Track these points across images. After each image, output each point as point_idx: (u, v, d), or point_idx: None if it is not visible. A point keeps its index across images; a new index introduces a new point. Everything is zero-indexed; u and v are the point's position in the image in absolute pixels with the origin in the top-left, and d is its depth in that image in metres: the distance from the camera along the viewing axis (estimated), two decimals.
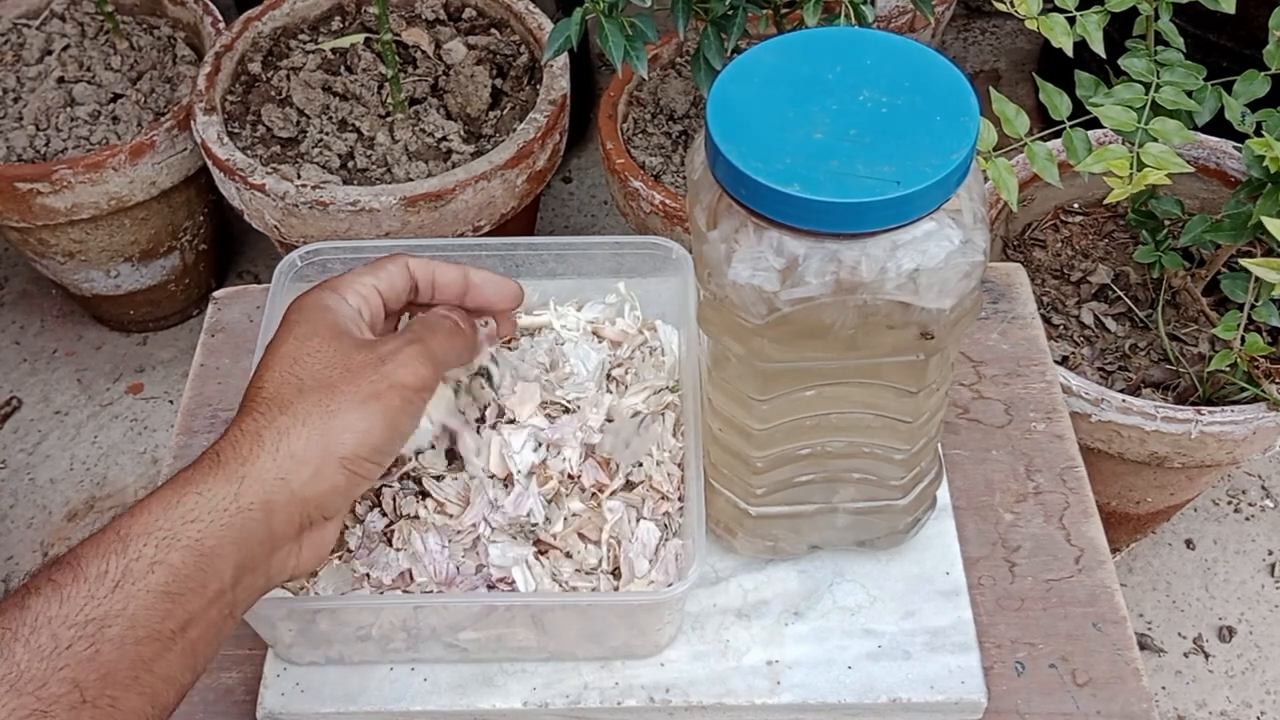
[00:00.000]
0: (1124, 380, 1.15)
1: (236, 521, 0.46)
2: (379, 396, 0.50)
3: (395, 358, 0.51)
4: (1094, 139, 0.99)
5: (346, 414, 0.49)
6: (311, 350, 0.51)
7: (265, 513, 0.47)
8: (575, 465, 0.62)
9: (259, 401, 0.49)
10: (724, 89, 0.48)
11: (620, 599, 0.59)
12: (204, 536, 0.45)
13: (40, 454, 1.54)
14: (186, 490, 0.46)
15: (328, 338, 0.51)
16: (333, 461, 0.49)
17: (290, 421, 0.48)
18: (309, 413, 0.49)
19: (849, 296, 0.48)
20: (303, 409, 0.49)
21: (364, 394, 0.50)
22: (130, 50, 1.50)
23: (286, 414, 0.48)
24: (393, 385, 0.51)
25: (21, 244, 1.47)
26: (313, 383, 0.50)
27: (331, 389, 0.49)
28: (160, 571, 0.44)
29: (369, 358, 0.51)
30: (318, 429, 0.48)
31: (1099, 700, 0.62)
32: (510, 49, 1.44)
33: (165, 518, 0.45)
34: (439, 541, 0.60)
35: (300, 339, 0.51)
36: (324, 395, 0.49)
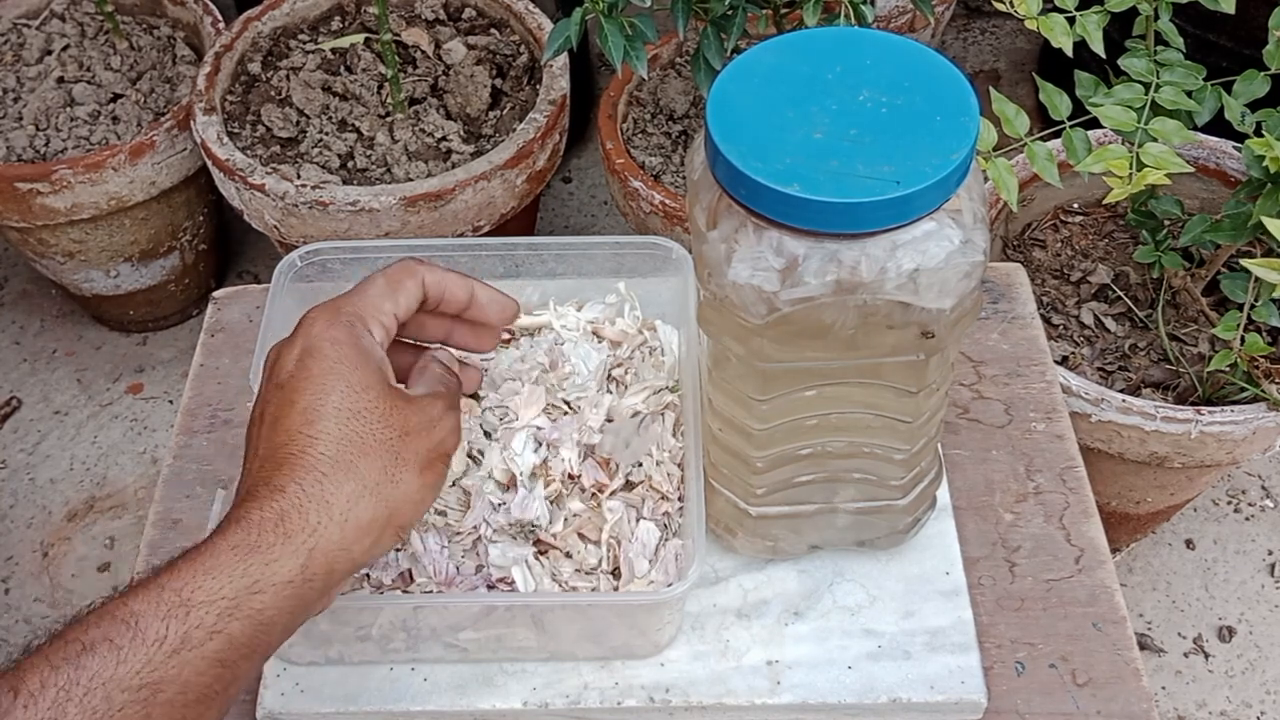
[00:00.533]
0: (1124, 380, 1.15)
1: (300, 593, 0.46)
2: (432, 466, 0.50)
3: (442, 424, 0.52)
4: (1094, 139, 0.99)
5: (409, 484, 0.49)
6: (369, 406, 0.49)
7: (326, 581, 0.47)
8: (575, 465, 0.62)
9: (319, 459, 0.48)
10: (724, 89, 0.48)
11: (620, 599, 0.59)
12: (266, 608, 0.45)
13: (40, 454, 1.54)
14: (253, 559, 0.46)
15: (380, 393, 0.50)
16: (392, 531, 0.49)
17: (358, 490, 0.48)
18: (377, 482, 0.48)
19: (849, 296, 0.48)
20: (371, 477, 0.48)
21: (421, 463, 0.50)
22: (130, 50, 1.50)
23: (353, 479, 0.48)
24: (443, 455, 0.51)
25: (21, 244, 1.47)
26: (377, 445, 0.49)
27: (395, 456, 0.49)
28: (219, 640, 0.44)
29: (421, 421, 0.50)
30: (384, 500, 0.48)
31: (1099, 700, 0.62)
32: (510, 49, 1.44)
33: (230, 587, 0.45)
34: (439, 541, 0.60)
35: (354, 390, 0.49)
36: (389, 463, 0.49)
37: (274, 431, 0.49)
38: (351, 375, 0.49)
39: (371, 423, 0.49)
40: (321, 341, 0.50)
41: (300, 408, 0.49)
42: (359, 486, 0.48)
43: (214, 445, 0.73)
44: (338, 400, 0.49)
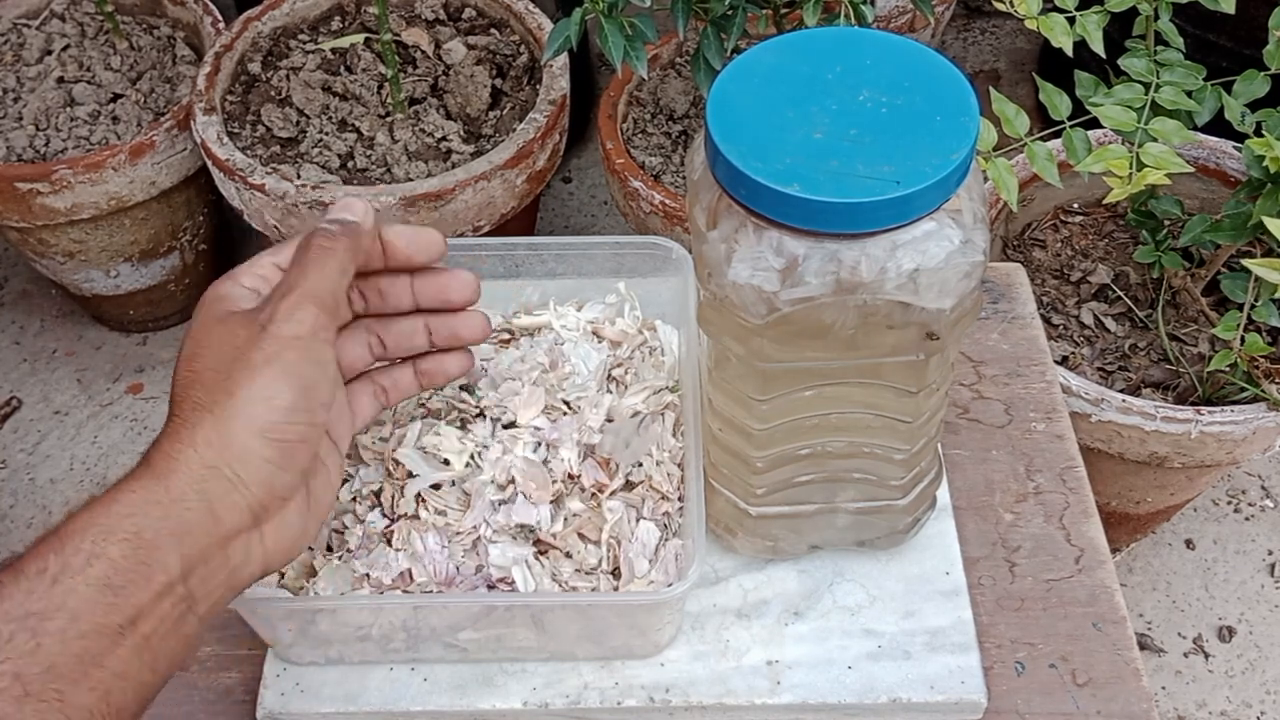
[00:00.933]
0: (1124, 380, 1.15)
1: (173, 513, 0.46)
2: (271, 360, 0.49)
3: (275, 316, 0.50)
4: (1094, 139, 0.99)
5: (246, 388, 0.48)
6: (204, 342, 0.50)
7: (203, 503, 0.47)
8: (575, 465, 0.62)
9: (173, 405, 0.49)
10: (724, 89, 0.48)
11: (620, 599, 0.59)
12: (141, 529, 0.45)
13: (40, 454, 1.54)
14: (120, 490, 0.46)
15: (215, 326, 0.50)
16: (253, 438, 0.48)
17: (200, 414, 0.48)
18: (214, 400, 0.48)
19: (849, 296, 0.48)
20: (208, 398, 0.48)
21: (256, 363, 0.49)
22: (130, 50, 1.50)
23: (197, 408, 0.48)
24: (282, 343, 0.49)
25: (21, 244, 1.47)
26: (210, 372, 0.49)
27: (227, 370, 0.49)
28: (99, 564, 0.44)
29: (252, 329, 0.50)
30: (224, 411, 0.48)
31: (1099, 700, 0.62)
32: (510, 49, 1.44)
33: (102, 514, 0.45)
34: (439, 541, 0.60)
35: (194, 336, 0.50)
36: (222, 378, 0.48)
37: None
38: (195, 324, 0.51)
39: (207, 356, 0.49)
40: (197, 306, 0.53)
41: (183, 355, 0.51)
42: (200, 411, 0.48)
43: None
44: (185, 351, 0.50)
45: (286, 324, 0.49)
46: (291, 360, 0.49)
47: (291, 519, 0.50)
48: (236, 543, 0.48)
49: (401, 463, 0.62)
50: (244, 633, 0.63)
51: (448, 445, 0.62)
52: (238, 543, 0.48)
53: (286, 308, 0.50)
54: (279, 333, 0.49)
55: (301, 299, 0.50)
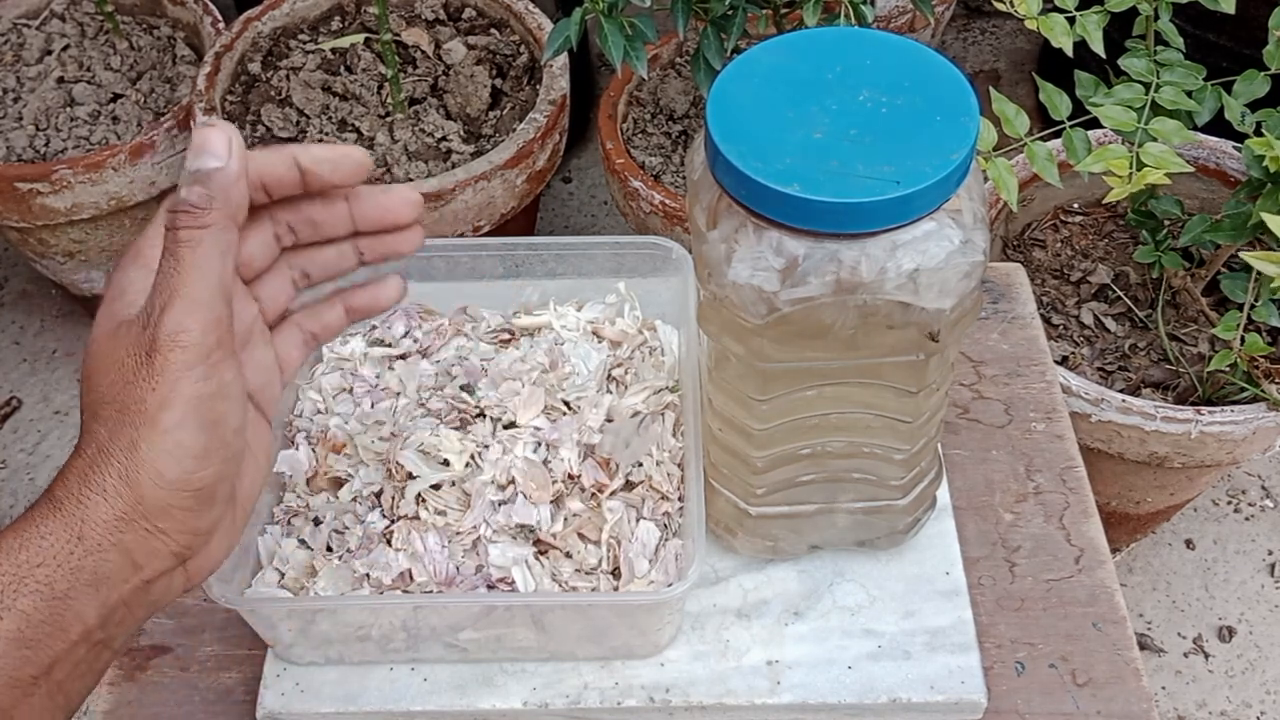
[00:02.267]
0: (1124, 380, 1.15)
1: (88, 564, 0.42)
2: (167, 403, 0.42)
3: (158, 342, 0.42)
4: (1094, 139, 0.99)
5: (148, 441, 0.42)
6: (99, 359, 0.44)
7: (120, 553, 0.42)
8: (575, 465, 0.62)
9: (83, 427, 0.44)
10: (724, 89, 0.48)
11: (620, 599, 0.59)
12: (54, 580, 0.41)
13: (40, 454, 1.54)
14: (28, 532, 0.42)
15: (106, 341, 0.44)
16: (165, 492, 0.43)
17: (106, 460, 0.42)
18: (117, 447, 0.42)
19: (849, 296, 0.48)
20: (110, 442, 0.43)
21: (151, 409, 0.42)
22: (130, 50, 1.50)
23: (102, 451, 0.43)
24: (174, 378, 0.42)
25: (21, 244, 1.47)
26: (108, 407, 0.43)
27: (122, 410, 0.43)
28: (9, 618, 0.41)
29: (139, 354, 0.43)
30: (130, 464, 0.42)
31: (1099, 700, 0.62)
32: (510, 49, 1.44)
33: (9, 561, 0.41)
34: (439, 541, 0.60)
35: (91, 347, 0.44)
36: (121, 422, 0.42)
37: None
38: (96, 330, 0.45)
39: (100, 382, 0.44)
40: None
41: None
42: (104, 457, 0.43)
43: None
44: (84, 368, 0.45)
45: (173, 352, 0.42)
46: (189, 396, 0.43)
47: (217, 542, 0.46)
48: (159, 583, 0.44)
49: (402, 464, 0.62)
50: (244, 633, 0.63)
51: (448, 446, 0.62)
52: (160, 582, 0.44)
53: (169, 330, 0.42)
54: (168, 365, 0.42)
55: (183, 313, 0.42)
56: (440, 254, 0.68)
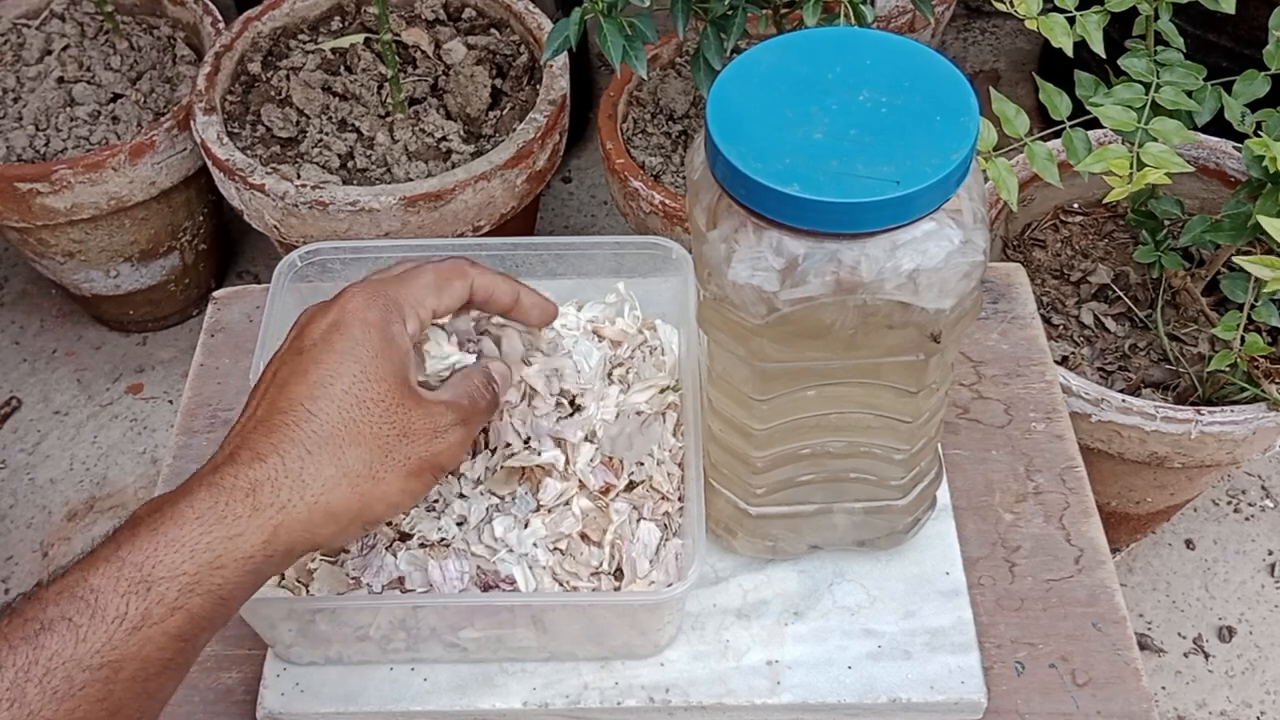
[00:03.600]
0: (1124, 380, 1.15)
1: (260, 568, 0.46)
2: (420, 474, 0.50)
3: (445, 436, 0.51)
4: (1094, 139, 0.99)
5: (390, 484, 0.48)
6: (376, 397, 0.49)
7: (285, 559, 0.47)
8: (581, 466, 0.62)
9: (309, 435, 0.47)
10: (724, 89, 0.48)
11: (621, 599, 0.59)
12: (226, 583, 0.45)
13: (40, 454, 1.54)
14: (217, 531, 0.45)
15: (393, 386, 0.49)
16: (360, 524, 0.48)
17: (337, 476, 0.47)
18: (358, 473, 0.48)
19: (849, 296, 0.48)
20: (354, 467, 0.48)
21: (410, 468, 0.49)
22: (130, 50, 1.50)
23: (335, 464, 0.47)
24: (435, 466, 0.50)
25: (21, 244, 1.47)
26: (369, 437, 0.48)
27: (385, 452, 0.48)
28: (179, 616, 0.44)
29: (426, 425, 0.50)
30: (359, 492, 0.48)
31: (1099, 700, 0.62)
32: (510, 49, 1.44)
33: (192, 562, 0.44)
34: (453, 565, 0.60)
35: (367, 379, 0.49)
36: (376, 458, 0.48)
37: (278, 395, 0.49)
38: (370, 361, 0.49)
39: (373, 413, 0.48)
40: (353, 319, 0.50)
41: (311, 379, 0.49)
42: (338, 472, 0.47)
43: (214, 445, 0.73)
44: (347, 383, 0.48)
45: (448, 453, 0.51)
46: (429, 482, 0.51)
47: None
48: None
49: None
50: (244, 633, 0.63)
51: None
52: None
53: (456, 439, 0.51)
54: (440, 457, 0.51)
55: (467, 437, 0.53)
56: (440, 254, 0.68)
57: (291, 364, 0.50)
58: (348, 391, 0.48)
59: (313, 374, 0.49)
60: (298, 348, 0.50)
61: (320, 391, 0.48)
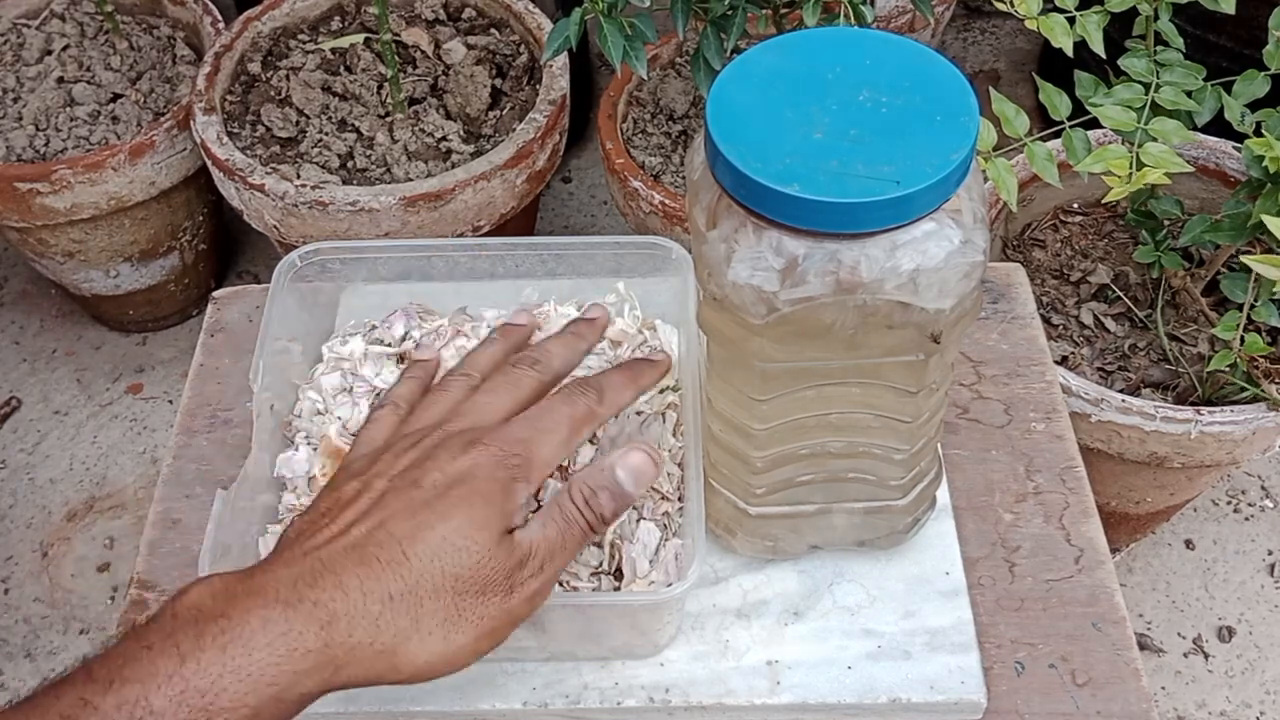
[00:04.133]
0: (1124, 380, 1.15)
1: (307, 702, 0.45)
2: (494, 634, 0.48)
3: (523, 589, 0.49)
4: (1094, 139, 0.99)
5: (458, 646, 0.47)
6: (471, 546, 0.47)
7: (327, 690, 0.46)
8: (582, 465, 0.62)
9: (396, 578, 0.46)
10: (724, 89, 0.48)
11: (621, 599, 0.59)
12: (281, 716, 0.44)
13: (40, 454, 1.54)
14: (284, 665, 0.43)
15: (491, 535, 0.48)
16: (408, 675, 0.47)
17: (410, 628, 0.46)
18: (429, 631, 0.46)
19: (849, 296, 0.48)
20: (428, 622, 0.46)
21: (483, 630, 0.48)
22: (130, 50, 1.50)
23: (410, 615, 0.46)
24: (512, 622, 0.49)
25: (21, 244, 1.47)
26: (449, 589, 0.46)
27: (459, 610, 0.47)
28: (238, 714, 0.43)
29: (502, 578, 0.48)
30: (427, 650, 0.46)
31: (1099, 700, 0.62)
32: (510, 49, 1.44)
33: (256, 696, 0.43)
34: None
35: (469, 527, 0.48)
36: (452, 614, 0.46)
37: (378, 528, 0.47)
38: (479, 510, 0.48)
39: (462, 562, 0.47)
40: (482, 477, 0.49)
41: (419, 521, 0.47)
42: (411, 624, 0.46)
43: (214, 445, 0.73)
44: (449, 530, 0.47)
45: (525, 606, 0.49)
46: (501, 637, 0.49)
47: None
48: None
49: None
50: None
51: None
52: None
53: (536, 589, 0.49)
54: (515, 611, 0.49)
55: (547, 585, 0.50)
56: (440, 254, 0.68)
57: (404, 498, 0.48)
58: (446, 539, 0.47)
59: (421, 516, 0.47)
60: (414, 479, 0.49)
61: (421, 538, 0.47)
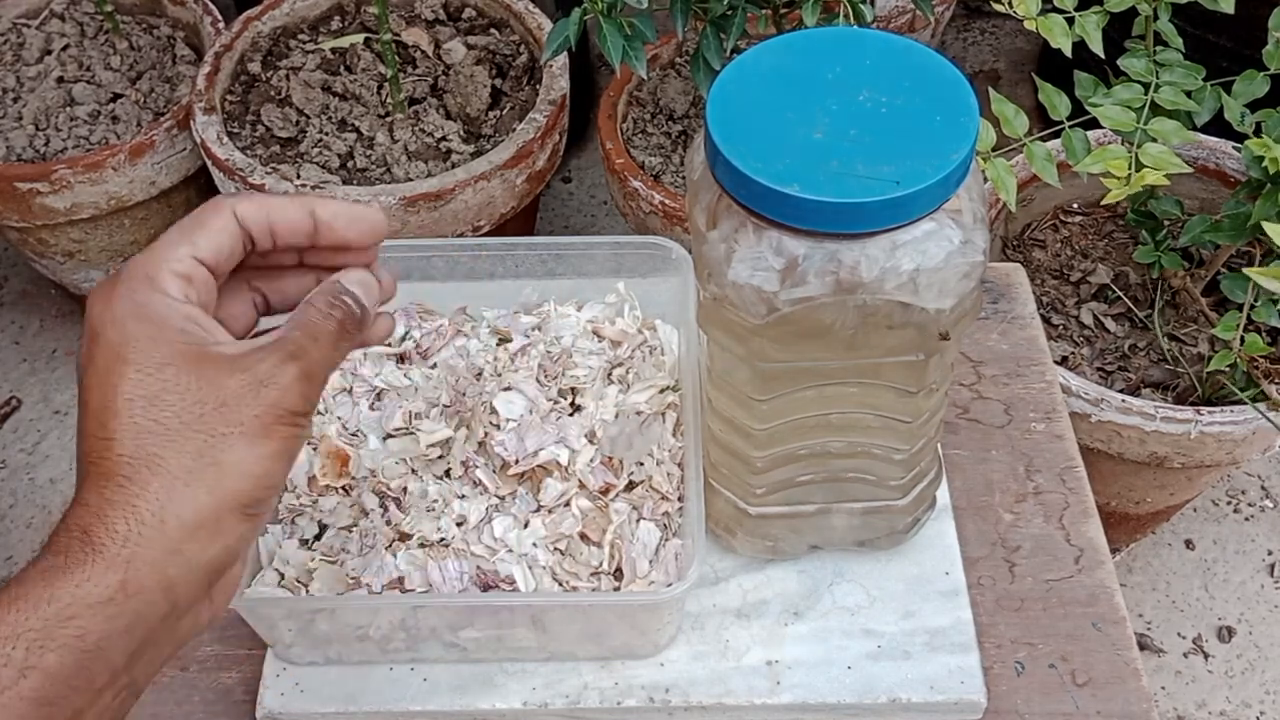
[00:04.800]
0: (1124, 380, 1.15)
1: (128, 609, 0.40)
2: (268, 431, 0.43)
3: (276, 380, 0.43)
4: (1093, 139, 0.99)
5: (236, 459, 0.42)
6: (168, 384, 0.42)
7: (163, 591, 0.41)
8: (582, 466, 0.62)
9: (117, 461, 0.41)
10: (724, 89, 0.48)
11: (620, 599, 0.59)
12: (86, 633, 0.39)
13: (40, 454, 1.54)
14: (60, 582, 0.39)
15: (183, 364, 0.42)
16: (231, 515, 0.42)
17: (169, 483, 0.41)
18: (190, 468, 0.41)
19: (849, 296, 0.48)
20: (181, 464, 0.41)
21: (250, 431, 0.42)
22: (130, 50, 1.50)
23: (161, 474, 0.41)
24: (282, 415, 0.43)
25: (21, 244, 1.47)
26: (183, 427, 0.41)
27: (211, 433, 0.42)
28: (34, 676, 0.38)
29: (243, 381, 0.43)
30: (205, 485, 0.41)
31: (1099, 700, 0.62)
32: (510, 49, 1.44)
33: (35, 617, 0.39)
34: (451, 565, 0.60)
35: (146, 370, 0.42)
36: (204, 441, 0.41)
37: (80, 440, 0.43)
38: (141, 356, 0.42)
39: (173, 404, 0.42)
40: (102, 325, 0.43)
41: (92, 409, 0.42)
42: (167, 480, 0.41)
43: None
44: (129, 389, 0.42)
45: (288, 395, 0.43)
46: (285, 435, 0.43)
47: (236, 572, 0.45)
48: (187, 617, 0.43)
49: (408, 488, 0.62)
50: (244, 633, 0.63)
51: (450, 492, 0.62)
52: (188, 617, 0.43)
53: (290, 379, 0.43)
54: (279, 403, 0.43)
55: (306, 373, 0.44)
56: (440, 254, 0.68)
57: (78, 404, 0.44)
58: (132, 398, 0.42)
59: (91, 402, 0.42)
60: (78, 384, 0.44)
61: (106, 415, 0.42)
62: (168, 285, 0.44)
